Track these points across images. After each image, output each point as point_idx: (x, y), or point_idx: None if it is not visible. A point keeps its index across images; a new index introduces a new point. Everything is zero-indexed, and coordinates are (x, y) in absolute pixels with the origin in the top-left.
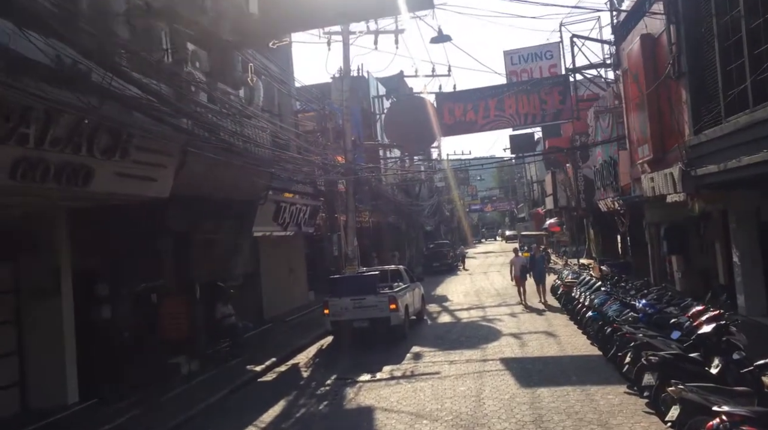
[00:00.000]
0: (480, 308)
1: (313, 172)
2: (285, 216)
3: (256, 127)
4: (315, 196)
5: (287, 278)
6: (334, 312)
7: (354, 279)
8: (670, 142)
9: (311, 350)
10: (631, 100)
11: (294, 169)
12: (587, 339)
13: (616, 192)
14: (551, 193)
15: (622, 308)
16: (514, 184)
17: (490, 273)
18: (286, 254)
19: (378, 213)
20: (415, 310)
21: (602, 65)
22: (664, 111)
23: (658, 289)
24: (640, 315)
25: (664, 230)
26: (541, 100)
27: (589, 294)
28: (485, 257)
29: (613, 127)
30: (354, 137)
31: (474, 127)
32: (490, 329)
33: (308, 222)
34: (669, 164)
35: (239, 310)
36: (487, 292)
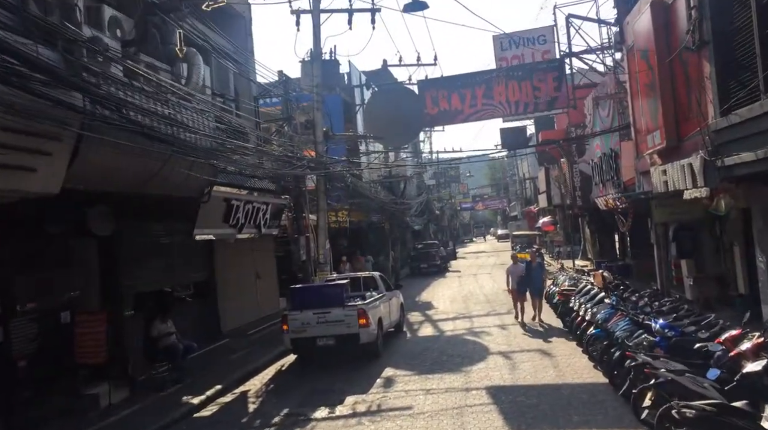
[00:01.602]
0: (467, 318)
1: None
2: (238, 216)
3: (195, 110)
4: (278, 193)
5: (253, 285)
6: (295, 328)
7: (317, 289)
8: (687, 127)
9: (268, 373)
10: (638, 81)
11: (247, 162)
12: (589, 360)
13: (618, 188)
14: (544, 191)
15: (633, 327)
16: (506, 181)
17: (480, 275)
18: (251, 257)
19: (358, 212)
20: (391, 322)
21: (602, 49)
22: (680, 91)
23: (671, 301)
24: (657, 338)
25: (673, 231)
26: (533, 87)
27: (591, 306)
28: (476, 258)
29: (614, 116)
30: (326, 128)
31: (459, 117)
32: (476, 346)
33: (270, 223)
34: (686, 154)
35: (189, 324)
36: (476, 298)
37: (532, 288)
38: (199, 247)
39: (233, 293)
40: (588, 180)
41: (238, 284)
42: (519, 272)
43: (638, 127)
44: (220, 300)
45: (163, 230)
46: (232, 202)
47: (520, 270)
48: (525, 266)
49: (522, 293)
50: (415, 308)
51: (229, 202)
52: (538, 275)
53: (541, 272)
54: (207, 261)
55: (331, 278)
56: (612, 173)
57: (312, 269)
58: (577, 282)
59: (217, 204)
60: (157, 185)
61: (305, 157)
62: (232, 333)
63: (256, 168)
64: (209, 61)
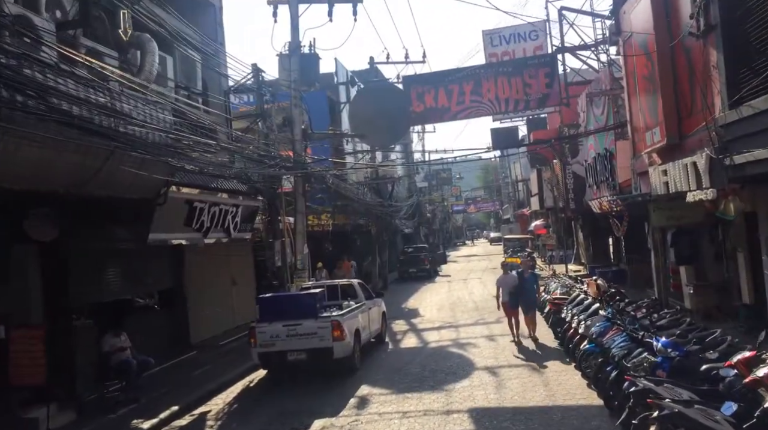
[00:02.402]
0: (453, 328)
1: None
2: (203, 219)
3: (148, 102)
4: (251, 194)
5: (228, 292)
6: (263, 341)
7: (288, 299)
8: (690, 122)
9: (234, 390)
10: (636, 74)
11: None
12: (582, 377)
13: (613, 190)
14: (537, 193)
15: (631, 344)
16: (498, 184)
17: (470, 280)
18: (226, 263)
19: (343, 215)
20: (371, 334)
21: (596, 44)
22: (683, 83)
23: (671, 313)
24: (659, 359)
25: (671, 236)
26: (524, 83)
27: (584, 318)
28: (467, 261)
29: (609, 114)
30: (304, 126)
31: (447, 115)
32: (462, 360)
33: (242, 226)
34: (689, 152)
35: (153, 336)
36: (464, 305)
37: (524, 302)
38: (165, 252)
39: (205, 301)
40: (581, 182)
41: (211, 291)
42: (510, 283)
43: (636, 124)
44: (191, 309)
45: (119, 235)
46: (195, 204)
47: (512, 281)
48: (517, 275)
49: (514, 307)
50: (400, 316)
51: (191, 205)
52: (530, 287)
53: (534, 282)
54: (175, 267)
55: (306, 286)
56: (607, 174)
57: (288, 275)
58: (569, 290)
59: (178, 206)
60: (103, 185)
61: (279, 156)
62: (203, 344)
63: (222, 167)
64: (173, 52)
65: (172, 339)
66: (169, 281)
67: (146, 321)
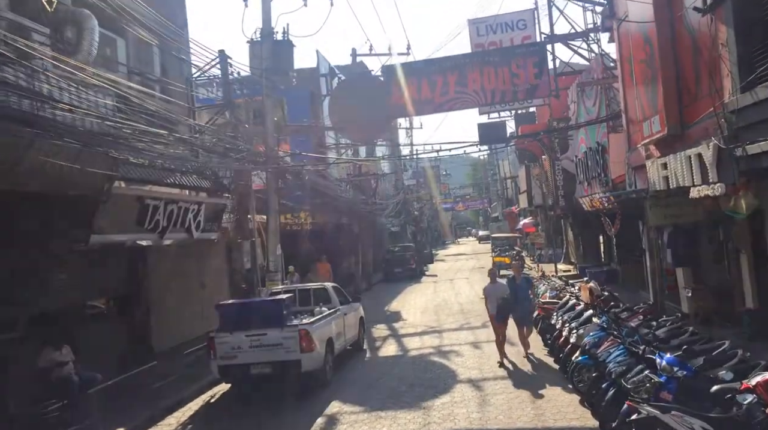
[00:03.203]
0: (436, 333)
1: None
2: (158, 218)
3: (87, 86)
4: (216, 191)
5: (196, 296)
6: (224, 353)
7: (251, 306)
8: (694, 110)
9: (192, 407)
10: (632, 59)
11: (158, 152)
12: (574, 392)
13: (606, 186)
14: (525, 190)
15: (630, 359)
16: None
17: (456, 280)
18: (196, 264)
19: (323, 214)
20: (346, 342)
21: (588, 32)
22: (685, 65)
23: (672, 320)
24: (663, 378)
25: (668, 235)
26: (512, 73)
27: (576, 326)
28: (455, 261)
29: (602, 106)
30: (277, 118)
31: (430, 107)
32: (443, 371)
33: (207, 226)
34: (692, 143)
35: (108, 346)
36: (449, 307)
37: (516, 314)
38: (121, 254)
39: (170, 306)
40: (571, 178)
41: (178, 295)
42: (500, 293)
43: (631, 114)
44: (153, 315)
45: (58, 237)
46: (147, 201)
47: (501, 291)
48: (507, 283)
49: (502, 320)
50: (382, 320)
51: (143, 202)
52: (524, 296)
53: (528, 290)
54: (134, 270)
55: (275, 291)
56: (598, 170)
57: (258, 278)
58: (560, 293)
59: (128, 204)
60: (25, 180)
61: (247, 149)
62: (167, 353)
63: (178, 160)
64: (125, 33)
65: (132, 348)
66: (127, 285)
67: (101, 330)
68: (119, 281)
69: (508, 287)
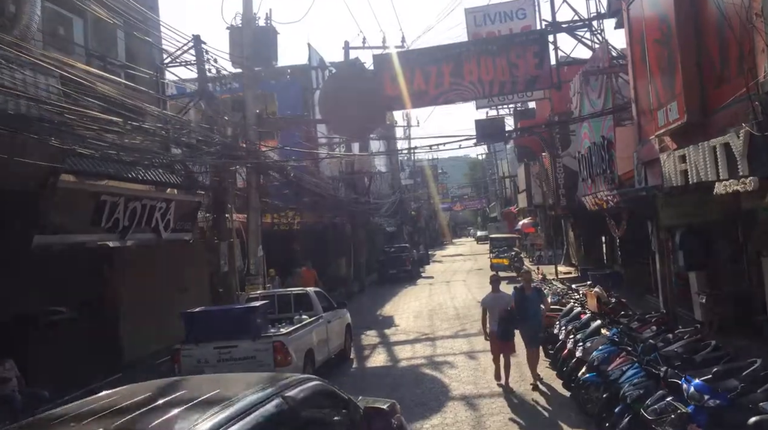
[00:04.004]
0: (430, 340)
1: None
2: (117, 217)
3: (22, 65)
4: (189, 188)
5: (175, 301)
6: (190, 367)
7: (221, 314)
8: (719, 93)
9: None
10: (644, 41)
11: (112, 143)
12: (580, 411)
13: (612, 184)
14: (524, 189)
15: (648, 381)
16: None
17: (453, 282)
18: (174, 266)
19: (312, 213)
20: (330, 352)
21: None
22: (709, 42)
23: (690, 332)
24: (691, 407)
25: (680, 237)
26: (510, 63)
27: (582, 338)
28: (452, 262)
29: (608, 97)
30: (259, 110)
31: (424, 100)
32: (435, 385)
33: (178, 225)
34: (717, 132)
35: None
36: (444, 312)
37: (525, 331)
38: (85, 256)
39: (146, 310)
40: (573, 176)
41: (154, 299)
42: (502, 305)
43: (642, 104)
44: (124, 321)
45: (6, 238)
46: (103, 197)
47: (504, 302)
48: (515, 294)
49: (507, 340)
50: (373, 325)
51: (98, 198)
52: (534, 311)
53: (539, 304)
54: (100, 273)
55: (252, 297)
56: (604, 166)
57: (236, 282)
58: (562, 298)
59: (81, 200)
60: None
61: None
62: (139, 362)
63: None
64: (83, 13)
65: (98, 358)
66: (92, 289)
67: (62, 339)
68: (82, 285)
69: (512, 298)
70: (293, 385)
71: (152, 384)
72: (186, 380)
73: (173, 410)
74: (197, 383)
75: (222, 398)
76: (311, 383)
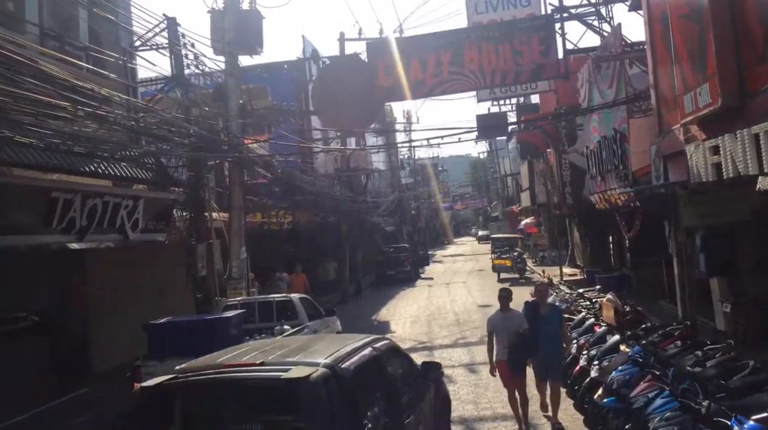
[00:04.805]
0: (426, 349)
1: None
2: (73, 216)
3: None
4: (160, 184)
5: (152, 306)
6: None
7: (189, 326)
8: (759, 73)
9: None
10: (669, 17)
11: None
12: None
13: (625, 180)
14: (527, 188)
15: (685, 415)
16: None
17: (453, 284)
18: (151, 270)
19: (304, 212)
20: None
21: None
22: (748, 13)
23: (722, 349)
24: None
25: (701, 238)
26: (514, 51)
27: (598, 354)
28: (452, 262)
29: (621, 86)
30: (243, 100)
31: (421, 90)
32: None
33: (150, 225)
34: (758, 117)
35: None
36: (444, 317)
37: (542, 361)
38: (46, 260)
39: (119, 317)
40: (580, 174)
41: (129, 305)
42: (514, 327)
43: (663, 91)
44: (92, 330)
45: None
46: (54, 194)
47: (516, 324)
48: (525, 309)
49: (517, 370)
50: (368, 331)
51: (49, 195)
52: (553, 334)
53: (559, 325)
54: (65, 278)
55: (230, 304)
56: (616, 162)
57: (216, 286)
58: (570, 306)
59: (28, 197)
60: None
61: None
62: (112, 372)
63: (90, 143)
64: None
65: (62, 371)
66: (55, 295)
67: (22, 349)
68: (44, 290)
69: (525, 319)
70: (377, 341)
71: (270, 340)
72: (297, 338)
73: (312, 346)
74: (310, 338)
75: (335, 345)
76: (386, 341)
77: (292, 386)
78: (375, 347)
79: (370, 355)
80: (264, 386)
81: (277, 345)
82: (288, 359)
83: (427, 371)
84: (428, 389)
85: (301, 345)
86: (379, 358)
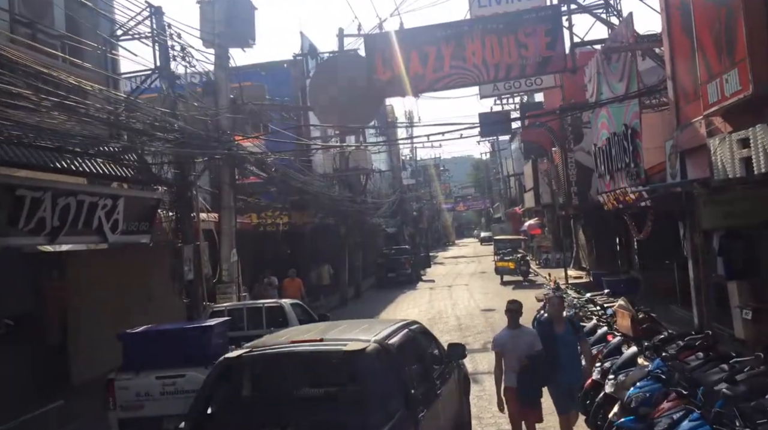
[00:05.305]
0: None
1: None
2: (42, 216)
3: None
4: (142, 182)
5: (141, 310)
6: (128, 402)
7: (166, 336)
8: None
9: None
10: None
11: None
12: None
13: (636, 179)
14: (531, 188)
15: None
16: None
17: (455, 287)
18: (140, 273)
19: (302, 212)
20: None
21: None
22: None
23: (750, 363)
24: None
25: (719, 240)
26: (519, 43)
27: (614, 368)
28: (455, 264)
29: (633, 79)
30: (234, 95)
31: (422, 85)
32: None
33: (131, 226)
34: None
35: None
36: (445, 322)
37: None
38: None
39: (102, 324)
40: (586, 173)
41: (114, 311)
42: (523, 349)
43: (681, 81)
44: (73, 337)
45: None
46: (20, 192)
47: (528, 345)
48: (537, 325)
49: (527, 401)
50: None
51: (14, 193)
52: (570, 354)
53: (576, 344)
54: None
55: (217, 310)
56: (626, 159)
57: (203, 291)
58: (578, 311)
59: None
60: None
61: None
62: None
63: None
64: None
65: (37, 382)
66: (29, 301)
67: None
68: (17, 296)
69: (538, 337)
70: (411, 324)
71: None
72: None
73: (358, 327)
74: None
75: (379, 326)
76: (418, 324)
77: (351, 357)
78: (411, 329)
79: (407, 334)
80: (325, 358)
81: (323, 328)
82: (343, 337)
83: (453, 351)
84: (454, 368)
85: (347, 327)
86: (415, 338)
